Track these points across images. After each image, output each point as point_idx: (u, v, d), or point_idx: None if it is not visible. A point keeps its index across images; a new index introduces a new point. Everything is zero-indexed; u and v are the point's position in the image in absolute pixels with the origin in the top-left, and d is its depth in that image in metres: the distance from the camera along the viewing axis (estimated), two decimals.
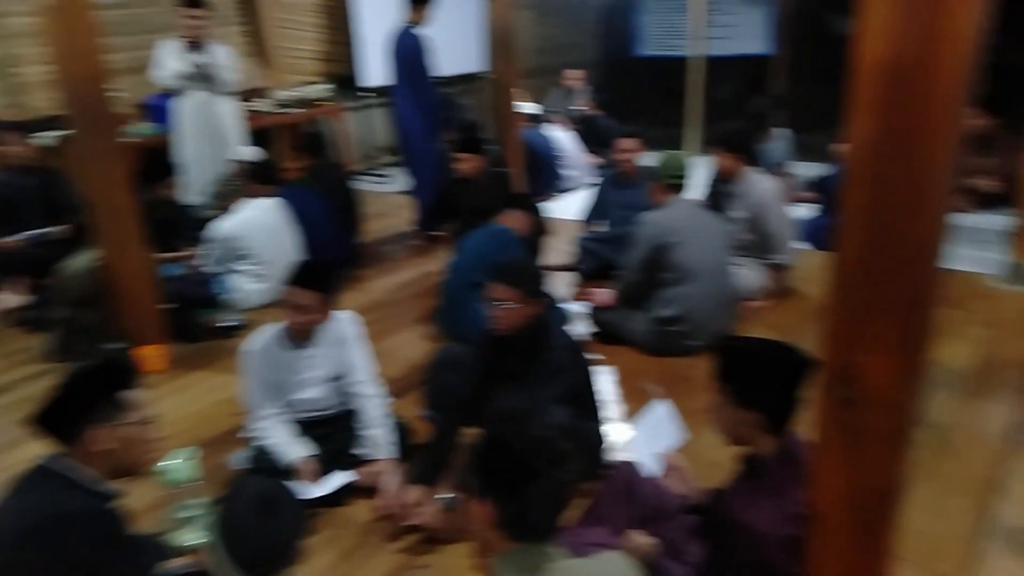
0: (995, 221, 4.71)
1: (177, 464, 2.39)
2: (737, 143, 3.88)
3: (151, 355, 3.59)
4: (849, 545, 1.43)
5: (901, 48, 1.06)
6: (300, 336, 2.64)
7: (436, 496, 2.33)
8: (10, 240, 4.33)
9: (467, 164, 4.42)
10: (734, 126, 4.20)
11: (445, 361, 2.86)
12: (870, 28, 1.08)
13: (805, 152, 5.93)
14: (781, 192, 3.97)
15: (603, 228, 4.58)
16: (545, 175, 6.31)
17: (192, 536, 2.31)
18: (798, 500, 1.53)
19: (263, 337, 2.67)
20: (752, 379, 1.59)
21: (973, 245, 4.54)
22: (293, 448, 2.57)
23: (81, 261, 3.69)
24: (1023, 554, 2.09)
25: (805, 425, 1.50)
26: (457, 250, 3.71)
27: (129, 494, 1.78)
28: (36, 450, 1.73)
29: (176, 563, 1.92)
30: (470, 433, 2.51)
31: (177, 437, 2.98)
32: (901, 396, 1.32)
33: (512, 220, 3.62)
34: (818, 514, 1.43)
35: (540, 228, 4.22)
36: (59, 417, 1.68)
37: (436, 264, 4.52)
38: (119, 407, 1.72)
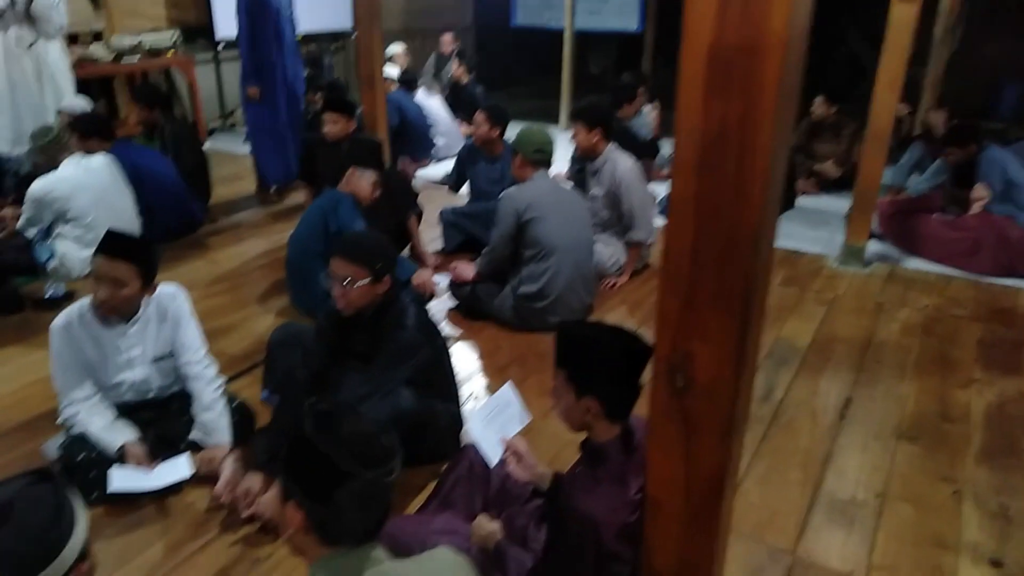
0: (837, 204, 5.03)
1: None
2: (596, 118, 3.83)
3: None
4: (684, 531, 1.43)
5: (728, 33, 1.02)
6: (117, 312, 2.36)
7: (277, 484, 2.17)
8: None
9: (336, 126, 4.17)
10: (593, 100, 4.17)
11: (286, 340, 2.67)
12: (696, 12, 1.03)
13: (670, 129, 6.08)
14: (641, 169, 4.00)
15: (465, 201, 4.50)
16: (416, 142, 6.12)
17: None
18: (638, 488, 1.52)
19: (75, 312, 2.37)
20: (589, 365, 1.55)
21: (817, 227, 4.83)
22: (115, 433, 2.33)
23: None
24: (847, 526, 2.21)
25: (644, 412, 1.48)
26: (300, 222, 3.50)
27: None
28: None
29: None
30: None
31: None
32: (732, 384, 1.31)
33: (355, 185, 3.42)
34: (653, 501, 1.42)
35: (396, 196, 4.06)
36: None
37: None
38: None
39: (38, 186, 3.64)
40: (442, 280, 3.70)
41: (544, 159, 3.48)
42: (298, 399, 2.33)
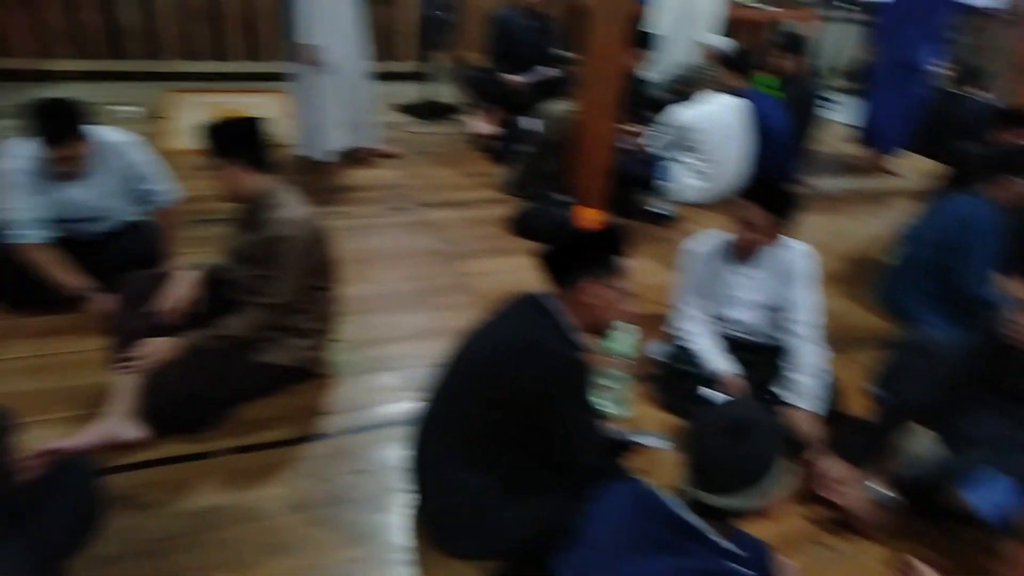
0: None
1: (623, 337, 2.45)
2: None
3: (590, 218, 3.72)
4: None
5: None
6: (743, 253, 2.50)
7: (865, 483, 2.08)
8: (516, 79, 4.69)
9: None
10: None
11: (918, 345, 2.47)
12: None
13: None
14: None
15: None
16: None
17: (605, 403, 2.40)
18: None
19: (707, 241, 2.60)
20: None
21: None
22: (720, 360, 2.48)
23: (558, 108, 3.90)
24: None
25: None
26: (924, 216, 3.19)
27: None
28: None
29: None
30: (920, 431, 2.20)
31: None
32: None
33: (1002, 191, 2.95)
34: None
35: None
36: (563, 261, 1.76)
37: (881, 222, 3.97)
38: (613, 270, 1.77)
39: (686, 116, 3.98)
40: None
41: None
42: (914, 410, 2.17)
